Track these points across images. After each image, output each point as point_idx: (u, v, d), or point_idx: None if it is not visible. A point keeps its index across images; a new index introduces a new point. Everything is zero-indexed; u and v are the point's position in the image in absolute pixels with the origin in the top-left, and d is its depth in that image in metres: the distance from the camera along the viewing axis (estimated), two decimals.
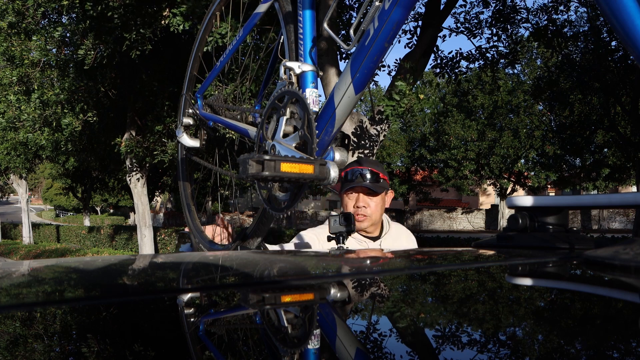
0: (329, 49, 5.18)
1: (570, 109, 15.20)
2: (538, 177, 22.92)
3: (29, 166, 12.33)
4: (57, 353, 0.41)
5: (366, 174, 1.93)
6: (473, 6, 7.45)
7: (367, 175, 1.93)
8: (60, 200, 45.29)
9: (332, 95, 1.13)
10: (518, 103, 21.87)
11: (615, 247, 0.70)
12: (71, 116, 8.41)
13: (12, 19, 7.21)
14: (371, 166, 1.96)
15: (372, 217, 1.95)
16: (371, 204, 1.95)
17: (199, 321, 0.50)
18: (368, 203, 1.94)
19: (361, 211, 1.94)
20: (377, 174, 1.94)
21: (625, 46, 0.69)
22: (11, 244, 19.37)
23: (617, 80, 11.80)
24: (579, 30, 12.44)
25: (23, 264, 0.94)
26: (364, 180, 1.92)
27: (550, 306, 0.57)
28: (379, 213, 1.97)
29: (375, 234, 2.03)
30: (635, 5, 0.66)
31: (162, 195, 31.22)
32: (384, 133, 5.37)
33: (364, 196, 1.94)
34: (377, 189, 1.93)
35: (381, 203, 1.98)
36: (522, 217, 0.90)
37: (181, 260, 0.98)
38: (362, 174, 1.94)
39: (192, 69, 1.89)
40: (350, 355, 0.41)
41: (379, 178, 1.94)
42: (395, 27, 1.02)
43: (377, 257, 1.07)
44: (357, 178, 1.94)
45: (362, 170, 1.94)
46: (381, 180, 1.94)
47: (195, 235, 1.82)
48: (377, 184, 1.93)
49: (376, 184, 1.93)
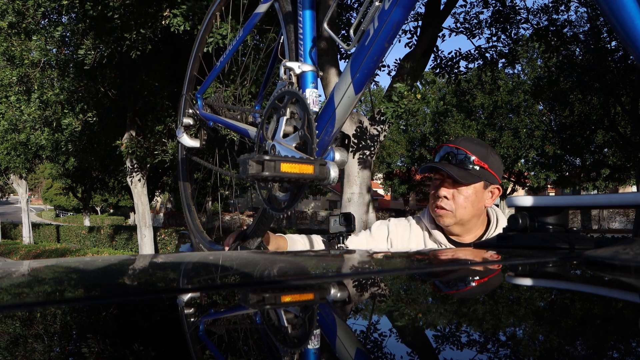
0: (329, 49, 5.18)
1: (570, 109, 15.20)
2: (538, 177, 22.91)
3: (29, 166, 12.33)
4: (57, 353, 0.41)
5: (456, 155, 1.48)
6: (473, 6, 7.46)
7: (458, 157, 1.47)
8: (60, 200, 45.29)
9: (332, 96, 1.13)
10: (518, 103, 21.86)
11: (615, 247, 0.70)
12: (71, 116, 8.41)
13: (12, 19, 7.21)
14: (467, 147, 1.48)
15: (456, 214, 1.50)
16: (458, 196, 1.49)
17: (199, 321, 0.50)
18: (452, 194, 1.50)
19: (441, 202, 1.51)
20: (470, 158, 1.46)
21: (625, 46, 0.69)
22: (11, 244, 19.38)
23: (617, 80, 11.81)
24: (579, 30, 12.44)
25: (23, 264, 0.94)
26: (449, 162, 1.48)
27: (550, 306, 0.57)
28: (469, 210, 1.49)
29: (467, 238, 1.55)
30: (635, 5, 0.66)
31: (162, 195, 31.22)
32: (384, 133, 5.37)
33: (449, 184, 1.50)
34: (464, 178, 1.45)
35: (473, 197, 1.49)
36: (522, 217, 0.90)
37: (181, 260, 0.98)
38: (451, 153, 1.49)
39: (192, 69, 1.89)
40: (350, 355, 0.41)
41: (473, 164, 1.47)
42: (395, 27, 1.02)
43: (377, 257, 1.07)
44: (443, 158, 1.51)
45: (452, 149, 1.49)
46: (476, 167, 1.47)
47: (196, 235, 1.82)
48: (467, 172, 1.46)
49: (465, 170, 1.46)
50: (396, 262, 0.95)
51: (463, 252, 1.07)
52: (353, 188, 5.33)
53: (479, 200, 1.52)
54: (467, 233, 1.56)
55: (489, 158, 1.51)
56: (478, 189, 1.50)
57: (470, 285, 0.68)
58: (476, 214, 1.53)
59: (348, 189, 5.36)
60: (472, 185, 1.49)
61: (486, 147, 1.53)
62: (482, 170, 1.48)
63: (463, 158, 1.47)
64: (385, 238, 1.64)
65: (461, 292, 0.64)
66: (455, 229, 1.54)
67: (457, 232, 1.55)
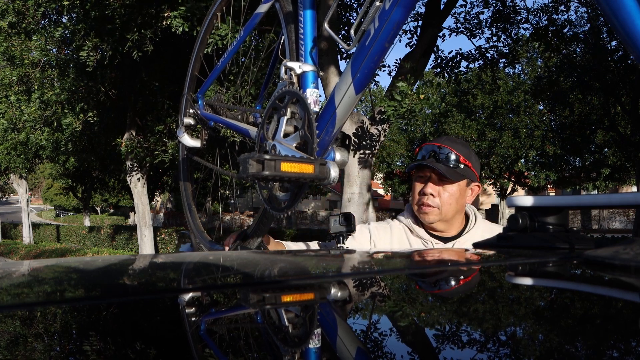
0: (330, 49, 5.18)
1: (570, 109, 15.20)
2: (538, 177, 22.90)
3: (29, 166, 12.33)
4: (57, 353, 0.41)
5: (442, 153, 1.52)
6: (473, 6, 7.46)
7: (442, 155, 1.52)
8: (60, 200, 45.30)
9: (332, 96, 1.13)
10: (518, 103, 21.86)
11: (615, 247, 0.70)
12: (71, 116, 8.41)
13: (12, 19, 7.21)
14: (451, 145, 1.53)
15: (441, 211, 1.54)
16: (443, 193, 1.54)
17: (199, 321, 0.50)
18: (438, 192, 1.54)
19: (427, 200, 1.55)
20: (457, 157, 1.52)
21: (625, 46, 0.69)
22: (11, 244, 19.38)
23: (617, 80, 11.81)
24: (579, 30, 12.44)
25: (23, 264, 0.94)
26: (436, 160, 1.52)
27: (550, 306, 0.57)
28: (453, 207, 1.55)
29: (450, 233, 1.62)
30: (635, 5, 0.66)
31: (162, 195, 31.24)
32: (385, 133, 5.37)
33: (434, 182, 1.55)
34: (452, 175, 1.51)
35: (458, 194, 1.55)
36: (522, 217, 0.90)
37: (181, 260, 0.98)
38: (436, 152, 1.53)
39: (193, 69, 1.90)
40: (350, 355, 0.41)
41: (459, 162, 1.52)
42: (395, 27, 1.02)
43: (377, 256, 1.07)
44: (429, 157, 1.54)
45: (437, 148, 1.53)
46: (461, 165, 1.52)
47: (196, 235, 1.82)
48: (454, 170, 1.51)
49: (452, 168, 1.51)
50: (396, 262, 0.95)
51: (463, 252, 1.07)
52: (353, 188, 5.34)
53: (462, 197, 1.58)
54: (450, 228, 1.62)
55: (471, 157, 1.57)
56: (462, 186, 1.56)
57: (470, 285, 0.68)
58: (459, 210, 1.60)
59: (348, 189, 5.36)
60: (456, 182, 1.55)
61: (467, 146, 1.59)
62: (466, 169, 1.54)
63: (448, 156, 1.52)
64: (368, 240, 1.68)
65: (461, 292, 0.64)
66: (439, 225, 1.60)
67: (441, 229, 1.61)
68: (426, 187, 1.55)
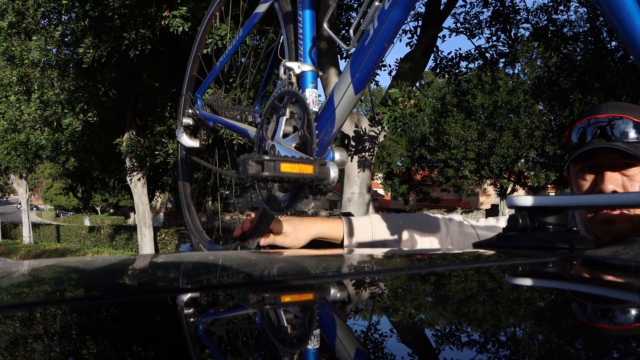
0: (329, 49, 5.19)
1: (570, 109, 15.20)
2: (538, 177, 22.91)
3: (29, 166, 12.34)
4: (57, 353, 0.41)
5: (616, 126, 1.01)
6: (473, 6, 7.46)
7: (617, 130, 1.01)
8: (60, 200, 45.29)
9: (331, 96, 1.13)
10: (518, 103, 21.87)
11: (615, 247, 0.70)
12: (71, 116, 8.41)
13: (12, 19, 7.22)
14: (625, 113, 1.03)
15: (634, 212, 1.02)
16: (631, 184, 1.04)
17: (199, 321, 0.50)
18: (623, 184, 1.05)
19: None
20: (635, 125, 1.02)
21: (625, 46, 0.69)
22: (11, 244, 19.39)
23: (617, 80, 11.81)
24: (579, 31, 12.45)
25: (23, 264, 0.94)
26: (609, 139, 1.02)
27: (550, 306, 0.57)
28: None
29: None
30: (635, 5, 0.66)
31: (162, 195, 31.21)
32: (384, 133, 5.38)
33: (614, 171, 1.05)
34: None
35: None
36: (522, 217, 0.90)
37: (181, 260, 0.98)
38: (604, 127, 1.03)
39: (192, 69, 1.89)
40: (350, 355, 0.41)
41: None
42: (395, 27, 1.02)
43: (377, 256, 1.07)
44: (594, 137, 1.05)
45: (607, 120, 1.03)
46: None
47: (195, 235, 1.82)
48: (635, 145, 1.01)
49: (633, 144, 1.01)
50: (396, 262, 0.95)
51: (463, 252, 1.07)
52: (353, 188, 5.34)
53: None
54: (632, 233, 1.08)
55: None
56: None
57: (470, 285, 0.68)
58: None
59: (348, 189, 5.37)
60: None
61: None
62: None
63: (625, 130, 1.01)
64: None
65: (461, 292, 0.64)
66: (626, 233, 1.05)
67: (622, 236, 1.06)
68: (604, 181, 1.05)
